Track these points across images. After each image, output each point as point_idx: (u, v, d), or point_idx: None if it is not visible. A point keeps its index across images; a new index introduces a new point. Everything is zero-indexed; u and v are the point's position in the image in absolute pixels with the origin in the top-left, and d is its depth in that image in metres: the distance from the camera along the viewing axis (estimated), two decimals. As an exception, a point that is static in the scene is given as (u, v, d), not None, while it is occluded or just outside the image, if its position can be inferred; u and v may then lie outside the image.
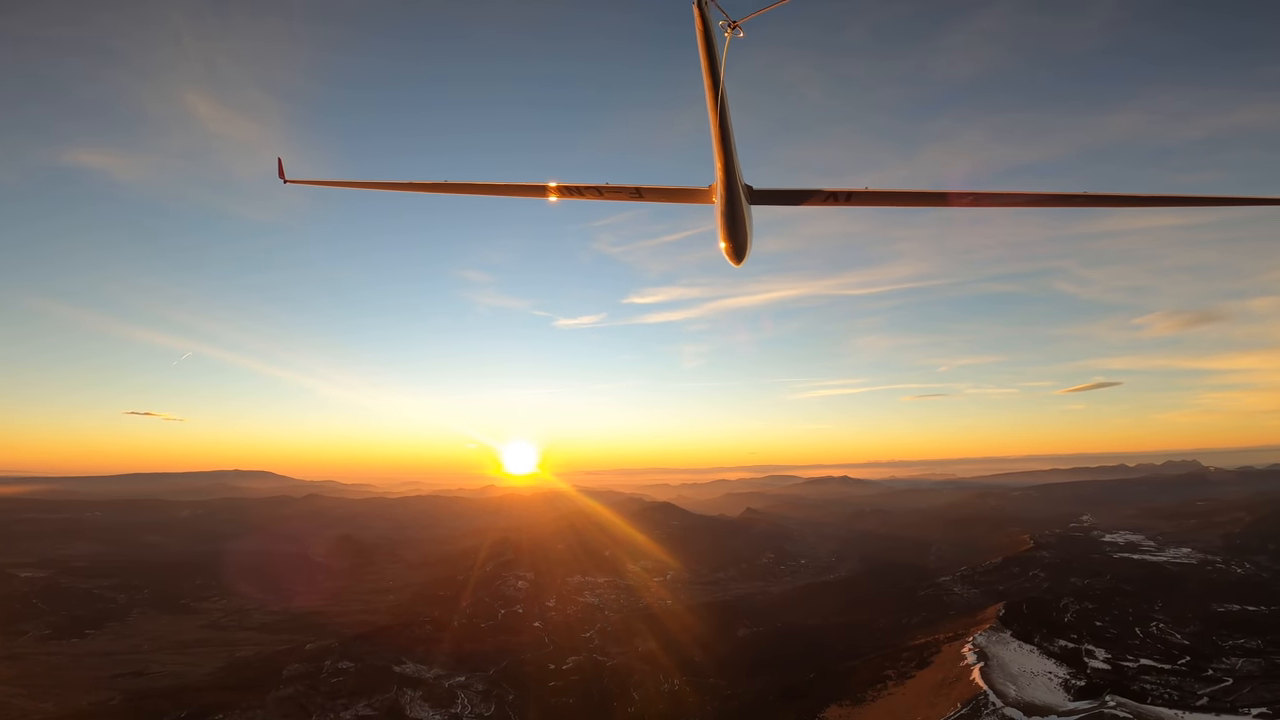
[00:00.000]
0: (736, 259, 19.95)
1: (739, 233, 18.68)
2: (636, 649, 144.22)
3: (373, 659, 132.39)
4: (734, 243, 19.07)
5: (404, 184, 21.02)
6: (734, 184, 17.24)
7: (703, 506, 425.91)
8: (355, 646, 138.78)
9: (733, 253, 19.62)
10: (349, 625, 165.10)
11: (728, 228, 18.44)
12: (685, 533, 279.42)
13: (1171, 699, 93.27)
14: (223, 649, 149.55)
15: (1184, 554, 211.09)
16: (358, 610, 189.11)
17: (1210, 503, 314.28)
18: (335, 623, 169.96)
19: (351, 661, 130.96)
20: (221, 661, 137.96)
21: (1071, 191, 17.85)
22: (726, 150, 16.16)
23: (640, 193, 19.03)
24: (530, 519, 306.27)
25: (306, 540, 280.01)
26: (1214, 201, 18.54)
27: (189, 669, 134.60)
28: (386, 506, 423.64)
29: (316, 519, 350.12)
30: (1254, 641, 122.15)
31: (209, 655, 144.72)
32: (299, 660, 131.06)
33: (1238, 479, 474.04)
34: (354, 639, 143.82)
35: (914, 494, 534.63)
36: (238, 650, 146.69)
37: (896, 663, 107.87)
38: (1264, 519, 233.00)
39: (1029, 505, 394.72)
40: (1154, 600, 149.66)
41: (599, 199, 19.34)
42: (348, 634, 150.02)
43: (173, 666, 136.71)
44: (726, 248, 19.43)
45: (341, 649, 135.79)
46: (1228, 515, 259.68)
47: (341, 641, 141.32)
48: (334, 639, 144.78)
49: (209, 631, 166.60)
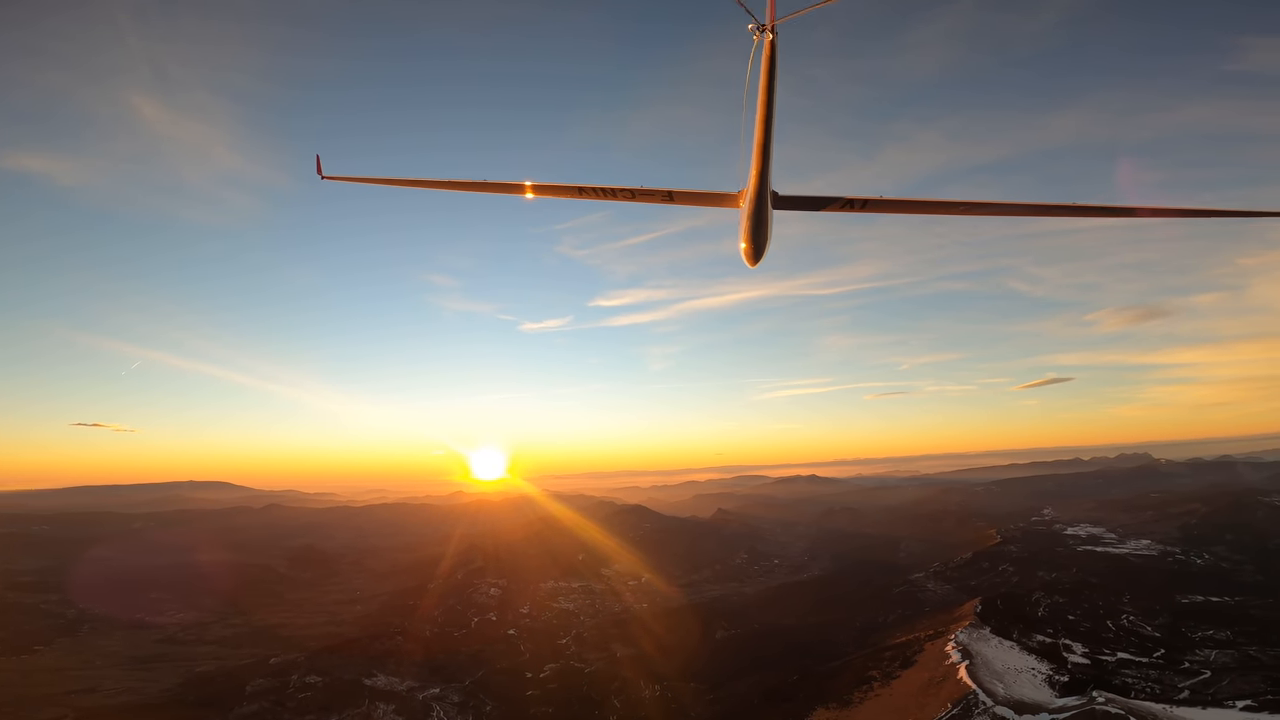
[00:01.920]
0: (754, 260, 20.90)
1: (761, 236, 19.83)
2: (615, 655, 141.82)
3: (341, 672, 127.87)
4: (755, 245, 20.14)
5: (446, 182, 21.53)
6: (764, 192, 18.51)
7: (674, 508, 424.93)
8: (322, 660, 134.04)
9: (752, 254, 20.61)
10: (315, 638, 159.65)
11: (752, 231, 19.62)
12: (658, 535, 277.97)
13: (1154, 693, 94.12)
14: (181, 664, 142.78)
15: (1144, 546, 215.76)
16: (323, 622, 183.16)
17: (1164, 494, 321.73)
18: (300, 635, 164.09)
19: (319, 675, 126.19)
20: (180, 677, 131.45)
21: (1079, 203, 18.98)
22: (764, 162, 17.50)
23: (671, 196, 20.15)
24: (500, 525, 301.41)
25: (267, 551, 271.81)
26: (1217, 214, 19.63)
27: (146, 685, 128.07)
28: (351, 515, 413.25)
29: (277, 529, 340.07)
30: (1223, 633, 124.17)
31: (166, 671, 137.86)
32: (263, 675, 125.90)
33: (1188, 471, 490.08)
34: (321, 652, 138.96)
35: (881, 491, 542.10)
36: (197, 665, 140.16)
37: (880, 662, 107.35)
38: (1218, 510, 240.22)
39: (991, 500, 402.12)
40: (1121, 593, 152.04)
41: (631, 200, 20.40)
42: (314, 647, 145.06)
43: (128, 683, 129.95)
44: (746, 249, 20.44)
45: (308, 662, 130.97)
46: (1183, 507, 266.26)
47: (308, 655, 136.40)
48: (299, 652, 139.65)
49: (166, 646, 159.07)
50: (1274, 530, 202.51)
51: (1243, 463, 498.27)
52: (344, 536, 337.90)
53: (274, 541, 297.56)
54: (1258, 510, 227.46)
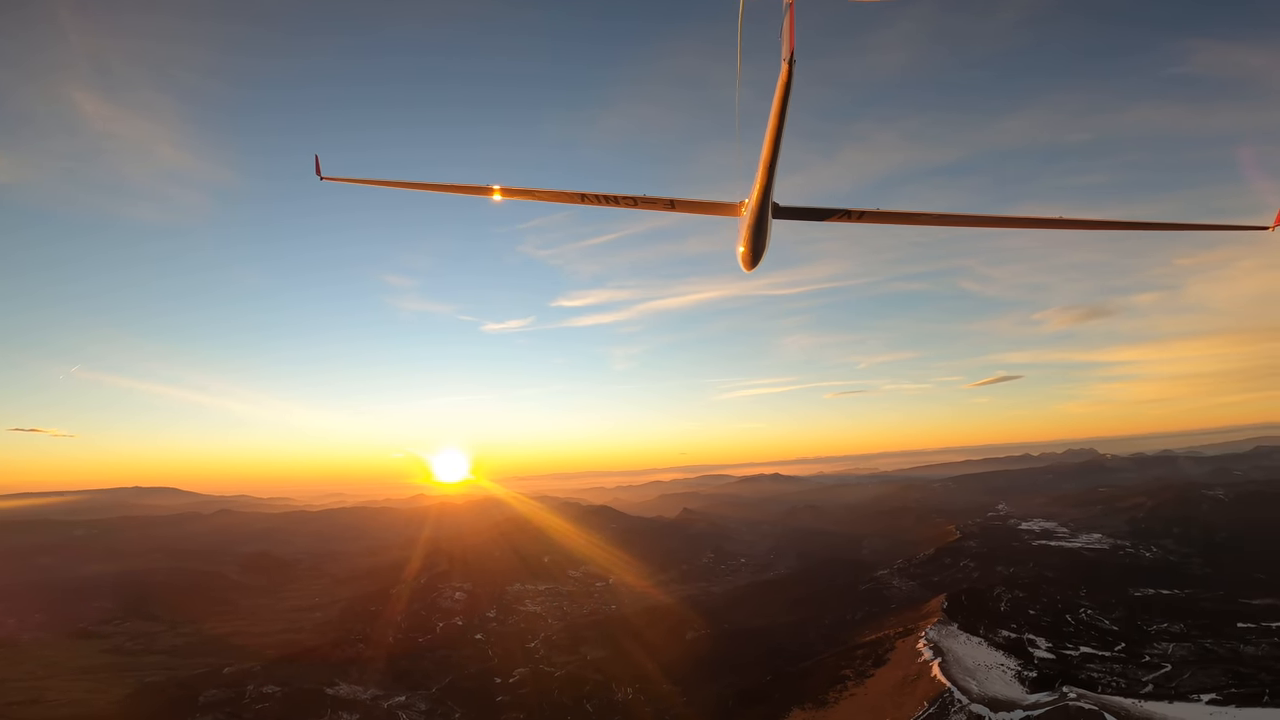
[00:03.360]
0: (751, 265, 21.92)
1: (759, 243, 20.88)
2: (585, 657, 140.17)
3: (301, 681, 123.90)
4: (754, 251, 21.22)
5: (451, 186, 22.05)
6: (766, 203, 19.47)
7: (639, 508, 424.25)
8: (280, 669, 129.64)
9: (749, 259, 21.62)
10: (271, 646, 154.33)
11: (752, 239, 20.68)
12: (624, 536, 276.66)
13: (1119, 687, 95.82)
14: (129, 674, 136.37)
15: (1096, 540, 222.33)
16: (280, 630, 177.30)
17: (1112, 489, 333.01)
18: (256, 644, 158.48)
19: (277, 685, 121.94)
20: (128, 688, 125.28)
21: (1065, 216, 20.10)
22: (769, 176, 18.56)
23: (673, 204, 20.93)
24: (464, 528, 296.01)
25: (218, 558, 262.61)
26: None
27: (92, 696, 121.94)
28: (307, 520, 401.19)
29: (229, 535, 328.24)
30: (1177, 625, 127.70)
31: (114, 681, 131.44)
32: (217, 685, 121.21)
33: (1132, 465, 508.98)
34: (278, 660, 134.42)
35: (842, 489, 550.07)
36: (146, 675, 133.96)
37: (852, 661, 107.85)
38: (1164, 504, 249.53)
39: (948, 496, 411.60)
40: (1078, 587, 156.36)
41: (633, 207, 21.11)
42: (271, 655, 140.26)
43: (74, 694, 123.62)
44: (745, 254, 21.43)
45: (265, 672, 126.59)
46: (1129, 501, 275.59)
47: (264, 664, 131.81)
48: (256, 661, 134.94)
49: (112, 656, 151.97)
50: (1218, 524, 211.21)
51: (1183, 457, 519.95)
52: (301, 542, 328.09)
53: (225, 548, 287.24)
54: (1201, 504, 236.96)
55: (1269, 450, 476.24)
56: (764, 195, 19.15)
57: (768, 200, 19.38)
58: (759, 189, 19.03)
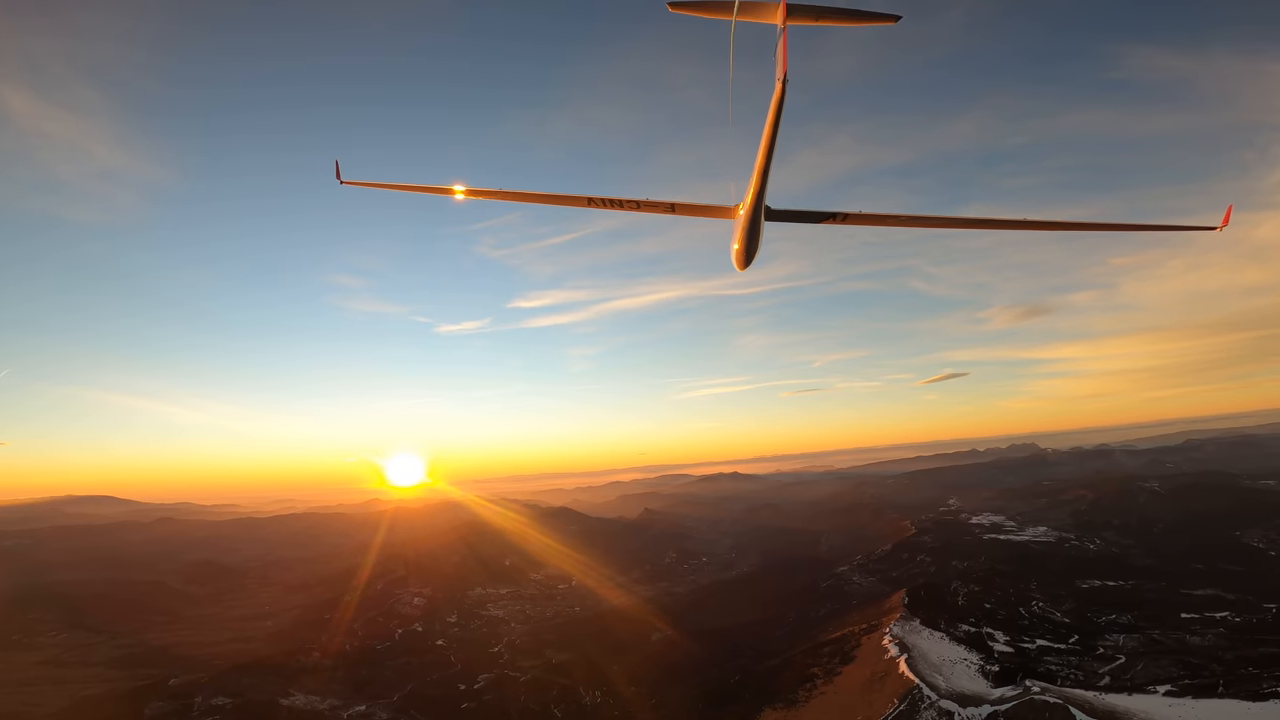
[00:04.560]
0: (744, 265, 23.48)
1: (753, 245, 22.44)
2: (550, 661, 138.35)
3: (254, 693, 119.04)
4: (746, 251, 22.77)
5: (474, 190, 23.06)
6: (760, 207, 21.08)
7: (599, 509, 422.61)
8: (231, 680, 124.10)
9: (743, 259, 23.16)
10: (220, 656, 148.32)
11: (746, 241, 22.24)
12: (585, 537, 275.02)
13: (1078, 679, 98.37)
14: (66, 686, 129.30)
15: (1042, 533, 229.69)
16: (229, 640, 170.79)
17: (1055, 483, 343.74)
18: (203, 654, 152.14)
19: (228, 697, 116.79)
20: (66, 700, 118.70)
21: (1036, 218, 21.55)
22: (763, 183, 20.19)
23: (674, 207, 22.39)
24: (421, 532, 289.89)
25: (158, 567, 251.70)
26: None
27: (28, 709, 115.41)
28: (255, 527, 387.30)
29: (170, 543, 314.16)
30: (1125, 617, 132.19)
31: (50, 694, 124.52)
32: (162, 698, 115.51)
33: (1072, 459, 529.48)
34: (228, 671, 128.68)
35: (800, 486, 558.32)
36: (85, 688, 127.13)
37: (819, 659, 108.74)
38: (1104, 496, 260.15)
39: (901, 492, 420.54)
40: (1029, 580, 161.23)
41: (636, 211, 22.50)
42: (220, 666, 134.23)
43: (9, 706, 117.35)
44: (739, 252, 22.91)
45: (214, 683, 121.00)
46: (1072, 494, 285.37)
47: (213, 675, 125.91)
48: (203, 673, 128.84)
49: (48, 669, 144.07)
50: (1157, 515, 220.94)
51: (1119, 450, 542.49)
52: (248, 549, 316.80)
53: (167, 556, 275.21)
54: (1139, 496, 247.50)
55: (1198, 443, 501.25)
56: (757, 199, 20.67)
57: (761, 204, 20.89)
58: (753, 193, 20.56)
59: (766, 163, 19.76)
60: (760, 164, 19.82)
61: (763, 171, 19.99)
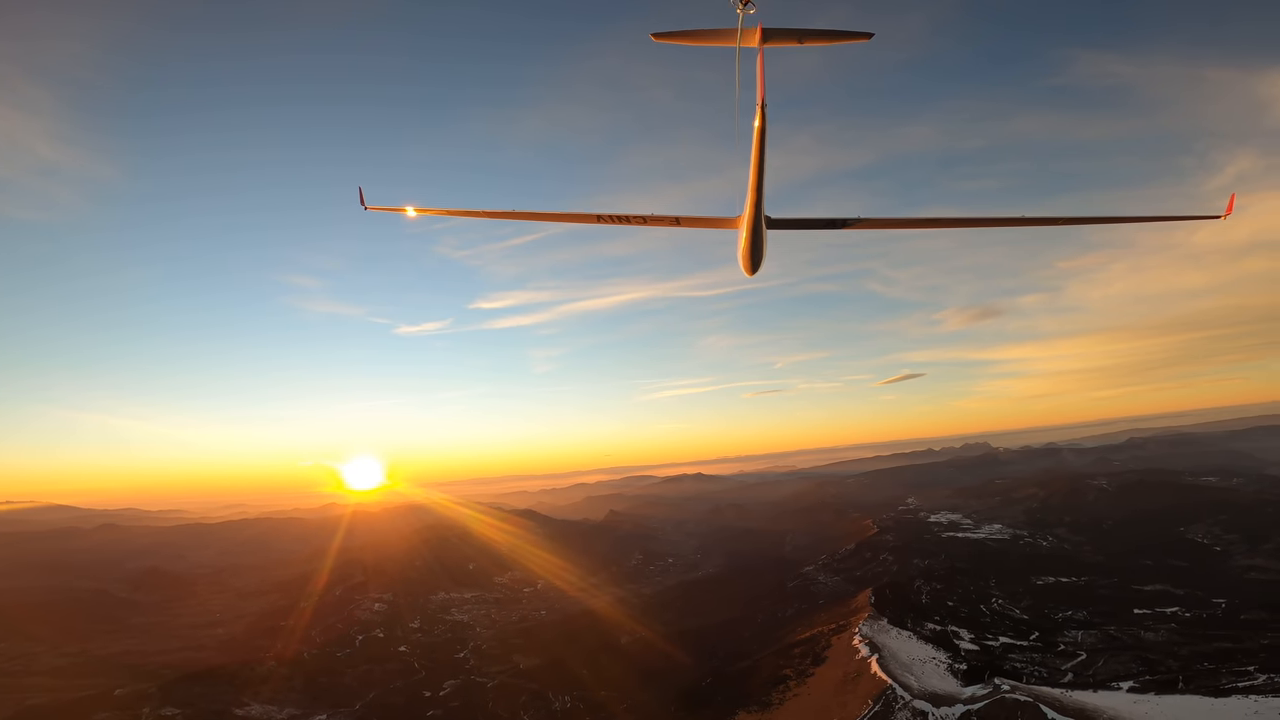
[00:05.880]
0: (752, 271, 24.81)
1: (757, 252, 23.82)
2: (517, 666, 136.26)
3: (206, 702, 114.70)
4: (752, 259, 24.07)
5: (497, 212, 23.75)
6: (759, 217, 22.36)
7: (564, 511, 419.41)
8: (181, 689, 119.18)
9: (749, 266, 24.50)
10: (169, 665, 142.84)
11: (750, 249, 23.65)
12: (551, 539, 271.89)
13: (1042, 676, 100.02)
14: (10, 696, 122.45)
15: (997, 530, 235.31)
16: (178, 648, 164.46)
17: (1007, 481, 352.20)
18: (151, 663, 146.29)
19: (178, 707, 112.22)
20: (9, 711, 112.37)
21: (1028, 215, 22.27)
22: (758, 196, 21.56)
23: (678, 220, 23.42)
24: (381, 536, 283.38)
25: (104, 575, 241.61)
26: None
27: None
28: (204, 532, 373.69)
29: (115, 550, 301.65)
30: (1080, 613, 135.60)
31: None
32: (108, 708, 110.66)
33: (1021, 457, 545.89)
34: (178, 681, 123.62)
35: (763, 486, 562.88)
36: (27, 698, 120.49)
37: (791, 660, 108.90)
38: (1055, 494, 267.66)
39: (862, 491, 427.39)
40: (988, 577, 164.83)
41: (643, 225, 23.34)
42: (168, 676, 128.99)
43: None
44: (744, 260, 24.31)
45: (162, 693, 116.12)
46: (1024, 492, 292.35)
47: (161, 685, 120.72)
48: (151, 682, 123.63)
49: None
50: (1105, 512, 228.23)
51: (1067, 449, 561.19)
52: (198, 555, 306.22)
53: (112, 564, 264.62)
54: (1088, 494, 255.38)
55: (1141, 441, 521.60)
56: (756, 211, 22.07)
57: (760, 214, 22.30)
58: (750, 206, 21.96)
59: (758, 180, 21.16)
60: (753, 181, 21.19)
61: (756, 187, 21.35)
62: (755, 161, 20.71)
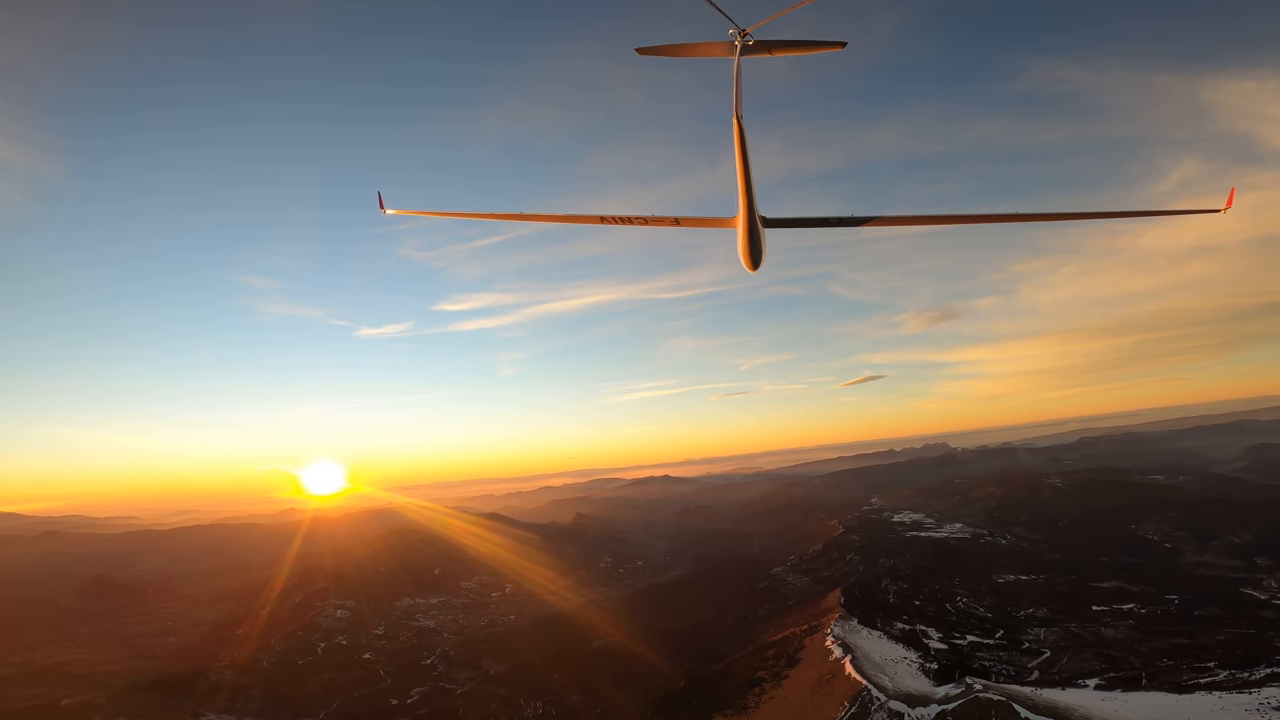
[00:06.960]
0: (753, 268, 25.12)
1: (756, 251, 24.26)
2: (487, 672, 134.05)
3: (159, 712, 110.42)
4: (752, 257, 24.45)
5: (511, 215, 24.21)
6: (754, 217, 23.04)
7: (531, 514, 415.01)
8: (131, 700, 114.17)
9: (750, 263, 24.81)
10: (119, 675, 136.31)
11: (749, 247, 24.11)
12: (518, 543, 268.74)
13: (1010, 674, 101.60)
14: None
15: (958, 529, 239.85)
16: (129, 657, 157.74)
17: (966, 480, 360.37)
18: (99, 673, 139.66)
19: (129, 717, 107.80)
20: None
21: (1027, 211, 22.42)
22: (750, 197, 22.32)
23: (678, 221, 24.27)
24: (342, 542, 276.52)
25: (47, 583, 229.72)
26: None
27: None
28: (155, 539, 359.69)
29: (59, 558, 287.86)
30: (1041, 610, 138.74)
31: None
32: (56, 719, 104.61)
33: (978, 457, 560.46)
34: (128, 691, 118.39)
35: (730, 488, 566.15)
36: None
37: (764, 662, 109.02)
38: (1012, 493, 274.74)
39: (827, 492, 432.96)
40: (951, 576, 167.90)
41: (644, 225, 24.04)
42: (119, 685, 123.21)
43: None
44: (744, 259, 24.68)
45: (112, 704, 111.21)
46: (982, 491, 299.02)
47: (111, 695, 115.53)
48: (100, 692, 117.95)
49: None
50: (1061, 511, 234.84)
51: (1021, 449, 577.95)
52: (148, 563, 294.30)
53: (56, 572, 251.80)
54: (1044, 493, 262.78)
55: (1091, 440, 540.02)
56: (749, 211, 22.76)
57: (754, 214, 22.96)
58: (744, 207, 22.64)
59: (746, 183, 22.00)
60: (741, 184, 22.07)
61: (745, 190, 22.20)
62: (740, 168, 21.55)
